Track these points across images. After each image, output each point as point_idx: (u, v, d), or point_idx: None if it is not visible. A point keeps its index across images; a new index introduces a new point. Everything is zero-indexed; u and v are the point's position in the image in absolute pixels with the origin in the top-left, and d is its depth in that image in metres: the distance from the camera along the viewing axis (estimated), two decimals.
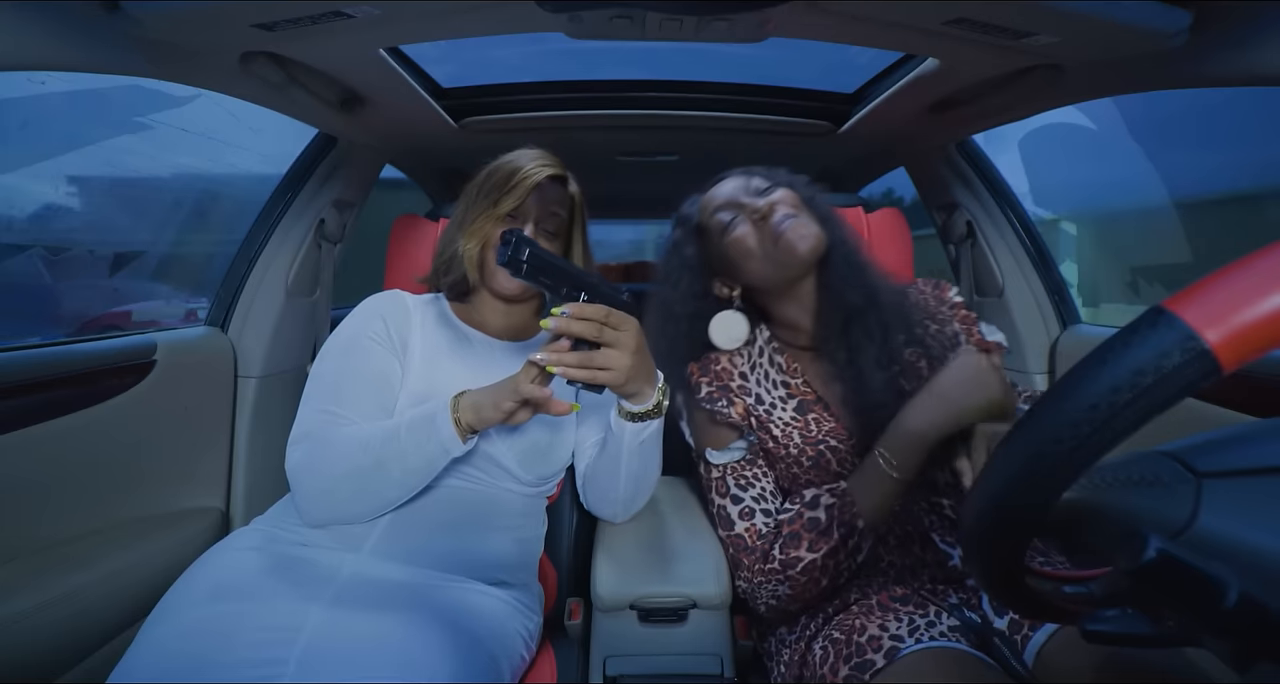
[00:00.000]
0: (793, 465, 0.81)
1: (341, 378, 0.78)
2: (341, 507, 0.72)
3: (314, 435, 0.74)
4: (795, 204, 0.81)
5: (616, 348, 0.67)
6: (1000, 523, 0.33)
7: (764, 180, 0.84)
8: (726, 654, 0.85)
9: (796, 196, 0.82)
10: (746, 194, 0.83)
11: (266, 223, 1.33)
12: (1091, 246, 3.48)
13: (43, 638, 0.83)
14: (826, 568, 0.72)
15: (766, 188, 0.83)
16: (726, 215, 0.83)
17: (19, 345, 0.94)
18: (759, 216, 0.79)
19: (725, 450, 0.84)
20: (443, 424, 0.69)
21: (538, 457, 0.83)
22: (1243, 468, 0.31)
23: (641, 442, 0.78)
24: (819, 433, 0.80)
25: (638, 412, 0.75)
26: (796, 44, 0.88)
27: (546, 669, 0.81)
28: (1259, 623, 0.27)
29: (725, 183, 0.86)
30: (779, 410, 0.83)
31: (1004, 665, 0.62)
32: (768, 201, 0.80)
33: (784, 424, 0.82)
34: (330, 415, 0.75)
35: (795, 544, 0.73)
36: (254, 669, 0.56)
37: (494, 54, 1.38)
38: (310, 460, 0.72)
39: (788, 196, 0.81)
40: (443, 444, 0.70)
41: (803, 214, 0.80)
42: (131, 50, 0.79)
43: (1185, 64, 0.80)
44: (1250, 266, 0.26)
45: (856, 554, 0.72)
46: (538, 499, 0.88)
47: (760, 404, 0.84)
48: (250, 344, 1.29)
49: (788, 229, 0.77)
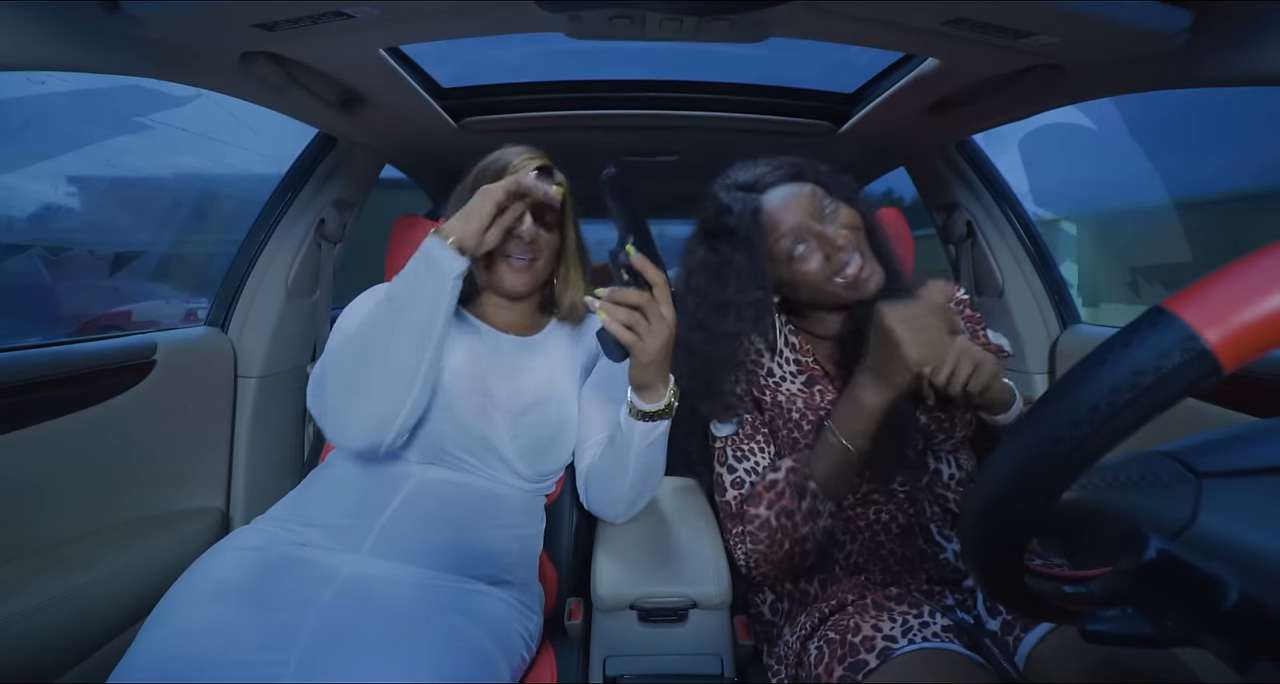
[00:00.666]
0: (794, 430, 0.83)
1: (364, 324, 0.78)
2: (366, 392, 0.71)
3: (329, 357, 0.75)
4: (856, 223, 0.79)
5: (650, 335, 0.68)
6: (1000, 523, 0.33)
7: (827, 198, 0.80)
8: (726, 654, 0.85)
9: (856, 214, 0.80)
10: (815, 218, 0.78)
11: (266, 223, 1.33)
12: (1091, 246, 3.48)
13: (43, 638, 0.83)
14: (784, 528, 0.75)
15: (832, 209, 0.79)
16: (796, 245, 0.78)
17: (19, 345, 0.94)
18: (830, 248, 0.76)
19: (726, 423, 0.85)
20: (434, 247, 0.71)
21: (540, 452, 0.83)
22: (1243, 468, 0.31)
23: (650, 443, 0.79)
24: (822, 402, 0.82)
25: (649, 410, 0.76)
26: (796, 44, 0.88)
27: (546, 669, 0.81)
28: (1259, 623, 0.27)
29: (788, 199, 0.79)
30: (788, 382, 0.85)
31: (995, 667, 0.63)
32: (839, 232, 0.77)
33: (791, 394, 0.84)
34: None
35: (755, 502, 0.78)
36: (254, 669, 0.57)
37: (494, 54, 1.38)
38: (335, 375, 0.73)
39: (851, 218, 0.79)
40: (441, 267, 0.70)
41: (862, 240, 0.79)
42: (131, 50, 0.79)
43: (1185, 64, 0.80)
44: (1250, 266, 0.26)
45: (815, 517, 0.74)
46: (536, 497, 0.88)
47: (771, 376, 0.85)
48: (250, 344, 1.29)
49: (861, 272, 0.76)
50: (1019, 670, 0.64)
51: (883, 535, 0.80)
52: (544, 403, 0.84)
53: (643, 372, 0.71)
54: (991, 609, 0.73)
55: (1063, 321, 1.35)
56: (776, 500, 0.76)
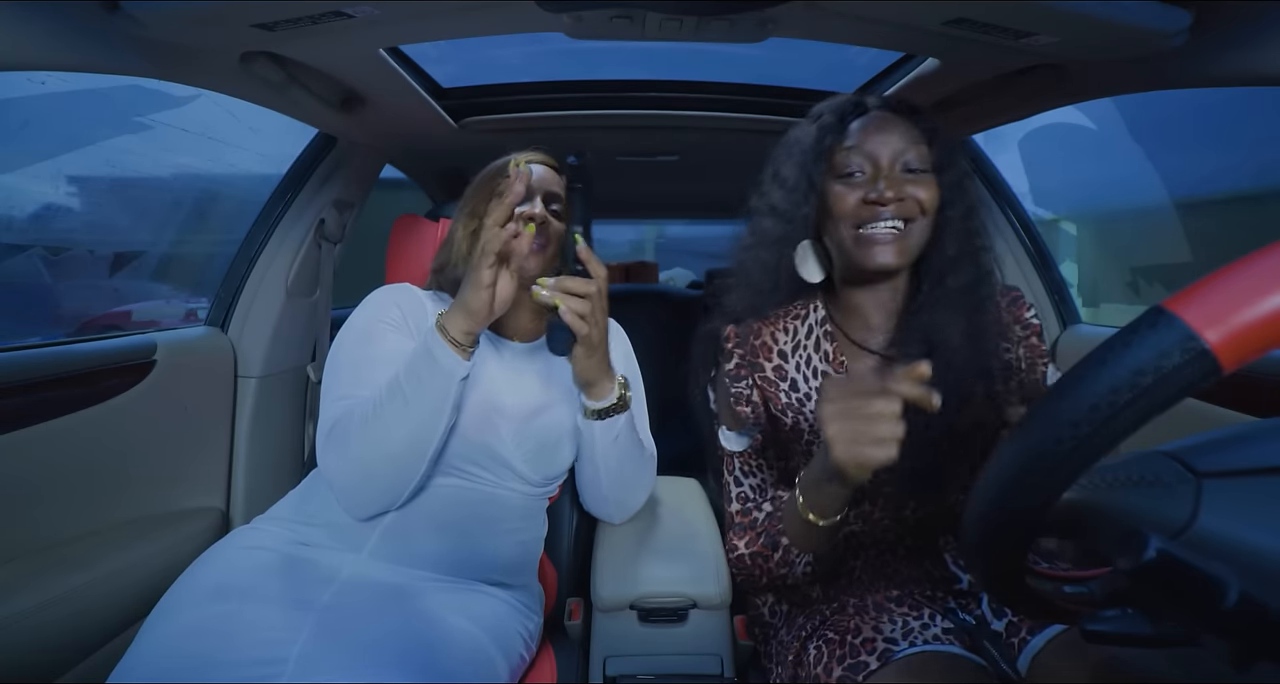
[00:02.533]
0: (805, 457, 0.76)
1: (360, 363, 0.77)
2: (377, 479, 0.70)
3: (339, 425, 0.72)
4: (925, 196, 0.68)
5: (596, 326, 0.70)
6: (1001, 523, 0.33)
7: (918, 157, 0.69)
8: (726, 654, 0.85)
9: (935, 190, 0.69)
10: (893, 160, 0.68)
11: (266, 223, 1.33)
12: (1091, 246, 3.48)
13: (43, 638, 0.83)
14: (760, 567, 0.71)
15: (918, 170, 0.69)
16: (858, 167, 0.69)
17: (19, 345, 0.94)
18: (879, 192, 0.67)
19: (736, 436, 0.78)
20: (437, 348, 0.68)
21: (545, 456, 0.82)
22: (1243, 468, 0.31)
23: (615, 438, 0.78)
24: None
25: (603, 408, 0.76)
26: (796, 44, 0.88)
27: (546, 669, 0.81)
28: (1259, 623, 0.27)
29: (886, 125, 0.70)
30: (812, 402, 0.75)
31: (996, 669, 0.62)
32: (903, 187, 0.67)
33: (813, 416, 0.74)
34: (352, 401, 0.74)
35: (739, 534, 0.74)
36: (254, 669, 0.57)
37: (494, 54, 1.38)
38: (337, 448, 0.71)
39: (927, 197, 0.68)
40: (444, 369, 0.68)
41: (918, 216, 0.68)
42: (131, 50, 0.78)
43: (1185, 64, 0.80)
44: (1250, 267, 0.26)
45: (788, 567, 0.68)
46: (540, 500, 0.88)
47: (795, 391, 0.76)
48: (250, 344, 1.29)
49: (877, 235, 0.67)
50: (1019, 673, 0.64)
51: (889, 555, 0.77)
52: (548, 407, 0.83)
53: (589, 364, 0.72)
54: (997, 611, 0.71)
55: (1063, 321, 1.35)
56: (754, 541, 0.71)
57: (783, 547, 0.68)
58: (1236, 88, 0.80)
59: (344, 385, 0.75)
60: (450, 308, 0.70)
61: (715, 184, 1.77)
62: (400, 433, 0.68)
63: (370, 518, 0.74)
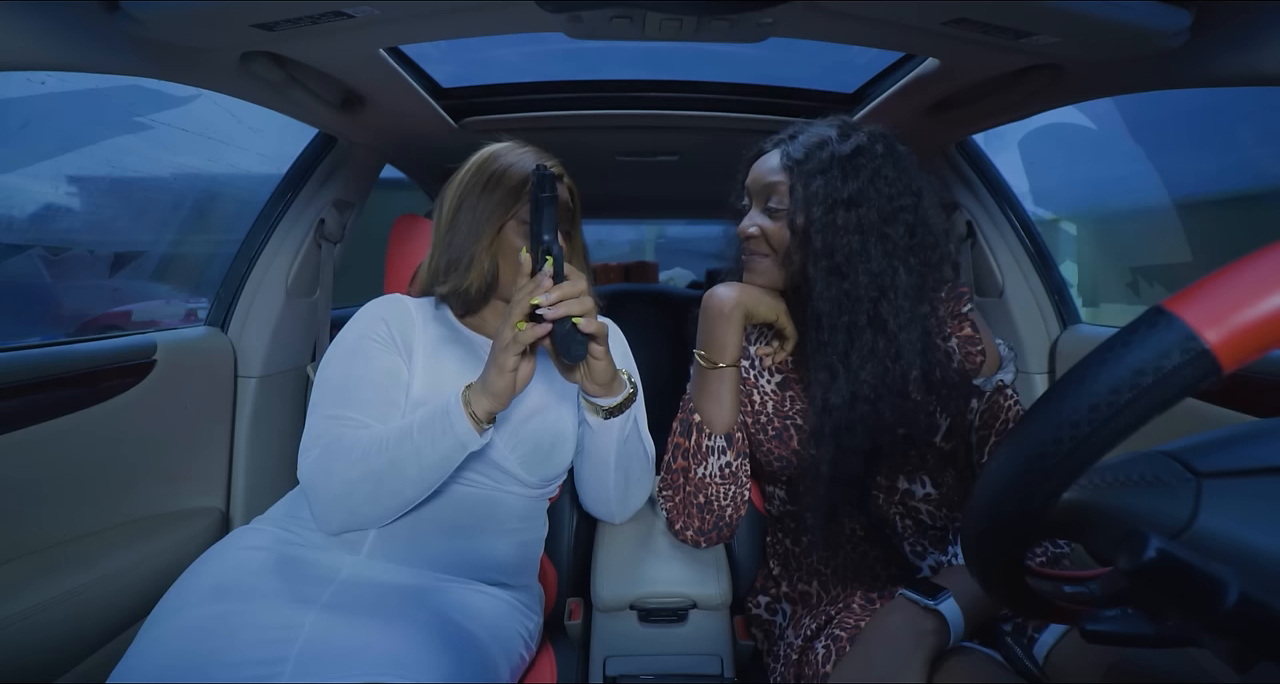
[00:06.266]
0: (759, 432, 0.84)
1: (348, 382, 0.77)
2: (358, 511, 0.71)
3: (325, 442, 0.72)
4: (774, 236, 0.77)
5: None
6: (1000, 523, 0.33)
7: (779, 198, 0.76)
8: (726, 654, 0.85)
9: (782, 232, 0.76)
10: (764, 197, 0.79)
11: (266, 223, 1.33)
12: (1091, 246, 3.48)
13: (43, 638, 0.83)
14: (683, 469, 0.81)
15: (777, 211, 0.77)
16: (743, 197, 0.84)
17: (19, 345, 0.94)
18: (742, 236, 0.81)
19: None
20: (457, 418, 0.67)
21: (541, 459, 0.82)
22: (1243, 468, 0.31)
23: (625, 437, 0.78)
24: (790, 409, 0.82)
25: (615, 404, 0.75)
26: (796, 44, 0.88)
27: (546, 669, 0.81)
28: (1259, 623, 0.27)
29: (767, 161, 0.80)
30: (764, 379, 0.86)
31: (1013, 664, 0.62)
32: (760, 226, 0.78)
33: (764, 394, 0.85)
34: (339, 420, 0.74)
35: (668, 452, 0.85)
36: (253, 668, 0.57)
37: (494, 54, 1.38)
38: (323, 467, 0.71)
39: (775, 230, 0.77)
40: (459, 438, 0.68)
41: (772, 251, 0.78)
42: (131, 50, 0.79)
43: (1185, 64, 0.80)
44: (1250, 266, 0.26)
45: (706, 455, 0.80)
46: (540, 501, 0.88)
47: (753, 368, 0.87)
48: (250, 344, 1.29)
49: (748, 265, 0.81)
50: (1040, 667, 0.63)
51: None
52: (543, 410, 0.82)
53: (605, 363, 0.71)
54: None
55: (1063, 321, 1.35)
56: (677, 443, 0.81)
57: (695, 427, 0.80)
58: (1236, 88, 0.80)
59: (331, 403, 0.75)
60: (474, 386, 0.69)
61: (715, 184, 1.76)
62: (406, 478, 0.69)
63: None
